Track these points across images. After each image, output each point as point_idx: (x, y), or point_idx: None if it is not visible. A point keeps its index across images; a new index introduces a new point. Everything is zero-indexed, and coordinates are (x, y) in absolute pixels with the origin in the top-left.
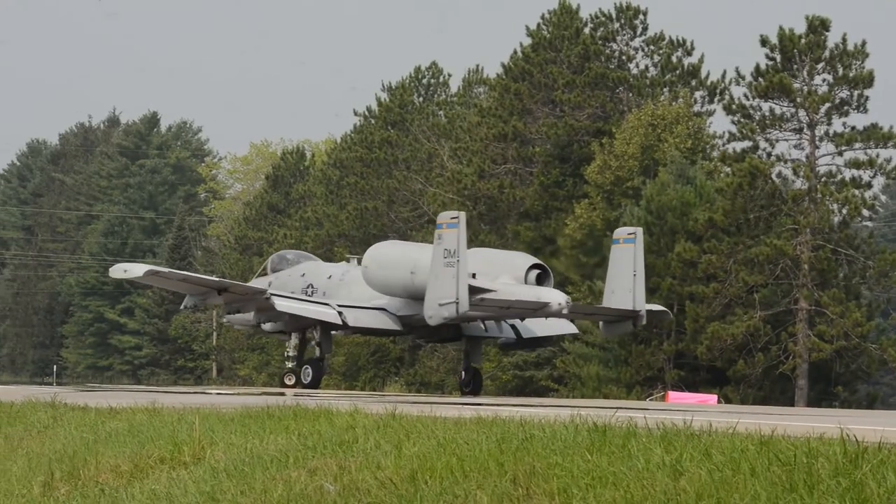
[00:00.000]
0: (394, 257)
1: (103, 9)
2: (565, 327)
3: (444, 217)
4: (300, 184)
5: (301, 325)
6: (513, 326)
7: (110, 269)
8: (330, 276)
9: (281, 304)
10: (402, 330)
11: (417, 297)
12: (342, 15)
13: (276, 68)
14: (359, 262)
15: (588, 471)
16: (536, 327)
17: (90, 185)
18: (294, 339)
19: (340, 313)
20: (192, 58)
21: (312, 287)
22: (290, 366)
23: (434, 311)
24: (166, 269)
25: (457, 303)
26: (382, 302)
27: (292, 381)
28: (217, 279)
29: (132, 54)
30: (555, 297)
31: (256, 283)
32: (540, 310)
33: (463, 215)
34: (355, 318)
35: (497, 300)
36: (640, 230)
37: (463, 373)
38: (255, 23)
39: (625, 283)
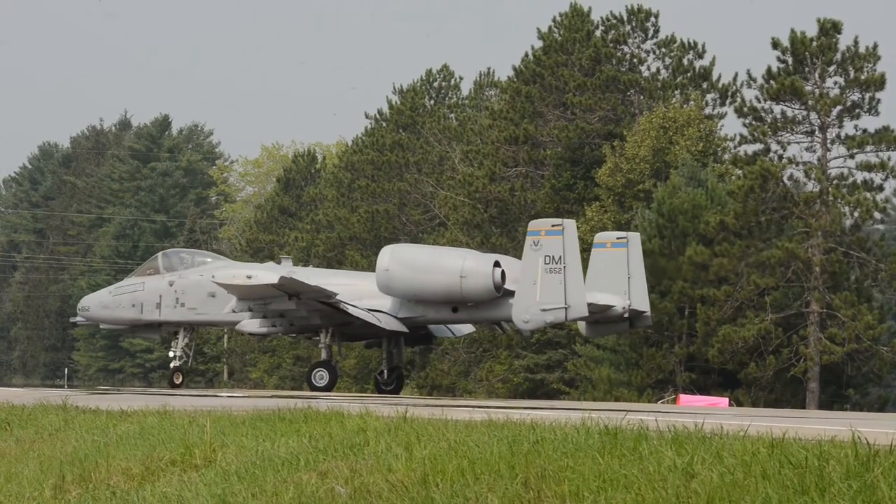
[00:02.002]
0: (429, 260)
1: (103, 9)
2: (466, 328)
3: (542, 224)
4: (311, 187)
5: (315, 326)
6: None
7: (218, 274)
8: None
9: (353, 311)
10: (406, 332)
11: (458, 301)
12: (348, 15)
13: (286, 70)
14: (294, 263)
15: (599, 473)
16: (464, 326)
17: (101, 188)
18: (183, 339)
19: (374, 315)
20: (204, 60)
21: None
22: (177, 364)
23: (534, 316)
24: (296, 278)
25: (566, 308)
26: (384, 304)
27: (180, 380)
28: (320, 287)
29: (144, 57)
30: (617, 300)
31: (148, 281)
32: (601, 313)
33: (570, 223)
34: (387, 321)
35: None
36: (635, 235)
37: (386, 372)
38: (266, 25)
39: (617, 285)
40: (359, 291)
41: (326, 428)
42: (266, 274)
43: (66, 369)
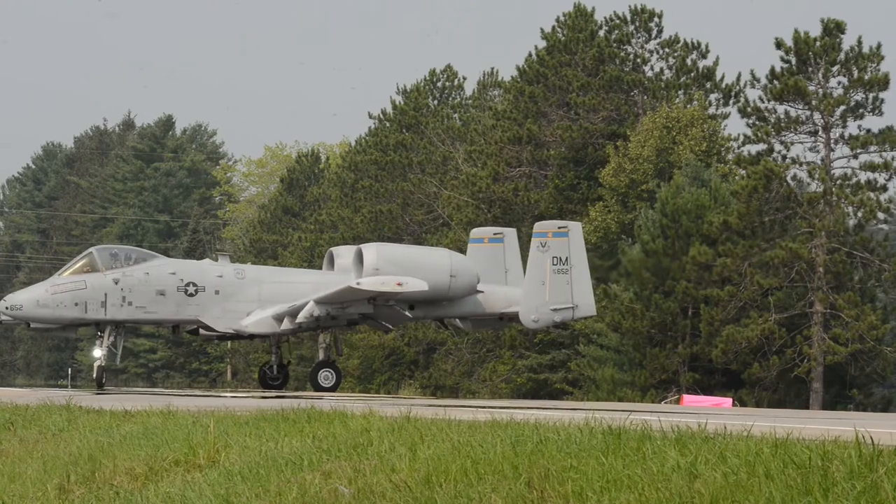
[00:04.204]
0: (420, 260)
1: (103, 9)
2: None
3: (548, 226)
4: (315, 187)
5: (337, 326)
6: None
7: (364, 281)
8: (221, 276)
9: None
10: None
11: (441, 299)
12: (350, 15)
13: (289, 71)
14: (231, 260)
15: (603, 473)
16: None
17: (105, 189)
18: (109, 336)
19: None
20: (207, 61)
21: (194, 285)
22: (102, 364)
23: (543, 316)
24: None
25: (573, 307)
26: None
27: (104, 379)
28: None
29: (147, 57)
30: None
31: (89, 279)
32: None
33: (575, 225)
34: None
35: None
36: (511, 231)
37: (275, 367)
38: (270, 25)
39: (493, 280)
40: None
41: (330, 428)
42: (416, 281)
43: (70, 369)
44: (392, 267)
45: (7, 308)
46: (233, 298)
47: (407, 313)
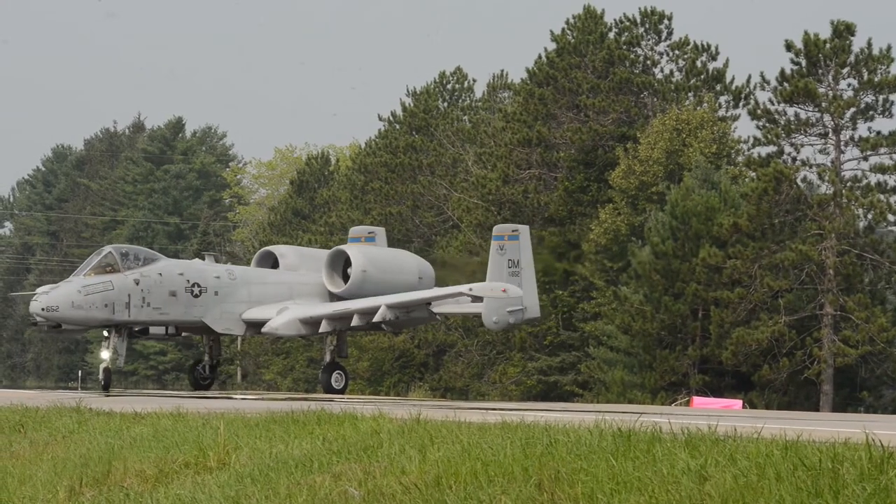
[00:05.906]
0: (395, 261)
1: (104, 8)
2: None
3: (504, 229)
4: (325, 189)
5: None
6: None
7: (475, 287)
8: (218, 276)
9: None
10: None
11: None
12: (358, 16)
13: (298, 72)
14: (216, 260)
15: (613, 476)
16: None
17: (115, 191)
18: (115, 338)
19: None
20: (217, 62)
21: (199, 286)
22: (108, 366)
23: (501, 318)
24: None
25: (524, 309)
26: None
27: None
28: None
29: (157, 59)
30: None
31: (115, 279)
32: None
33: (524, 228)
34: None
35: None
36: (381, 230)
37: (207, 367)
38: (278, 27)
39: None
40: (301, 291)
41: (340, 430)
42: (514, 288)
43: (80, 371)
44: (375, 268)
45: (43, 309)
46: (228, 300)
47: (438, 317)
